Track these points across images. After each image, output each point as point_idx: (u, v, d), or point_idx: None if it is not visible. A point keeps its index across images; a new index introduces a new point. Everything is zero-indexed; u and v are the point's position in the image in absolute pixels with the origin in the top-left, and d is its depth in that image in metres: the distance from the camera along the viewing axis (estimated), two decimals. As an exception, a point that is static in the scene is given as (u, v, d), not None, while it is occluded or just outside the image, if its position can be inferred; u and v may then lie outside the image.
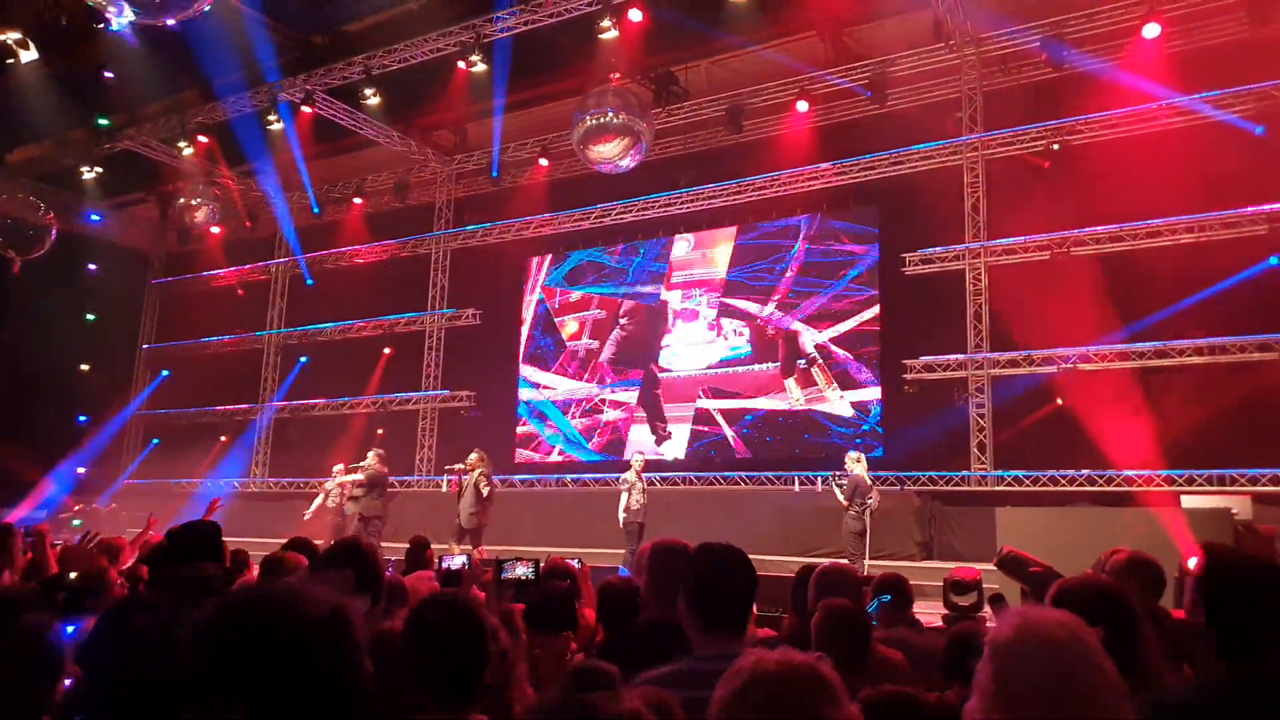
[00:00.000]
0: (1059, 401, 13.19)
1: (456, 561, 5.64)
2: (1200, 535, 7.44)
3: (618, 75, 14.48)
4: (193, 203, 19.01)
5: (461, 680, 2.36)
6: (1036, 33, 13.55)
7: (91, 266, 21.75)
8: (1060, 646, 1.48)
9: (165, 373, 22.84)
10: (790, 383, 15.79)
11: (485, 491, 12.48)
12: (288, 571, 3.92)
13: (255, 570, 5.10)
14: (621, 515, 12.66)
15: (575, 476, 17.13)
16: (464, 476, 12.72)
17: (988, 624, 5.45)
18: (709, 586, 2.61)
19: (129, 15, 10.06)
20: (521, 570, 4.14)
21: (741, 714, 1.53)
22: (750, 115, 16.03)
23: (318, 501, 14.19)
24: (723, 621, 2.59)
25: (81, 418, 21.69)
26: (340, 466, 14.11)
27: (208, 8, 10.02)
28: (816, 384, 15.56)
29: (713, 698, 1.60)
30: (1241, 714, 2.02)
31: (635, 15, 13.10)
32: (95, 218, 21.27)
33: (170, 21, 10.58)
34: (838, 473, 12.63)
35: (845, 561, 9.73)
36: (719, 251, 16.91)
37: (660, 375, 17.04)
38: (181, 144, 17.82)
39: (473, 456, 12.85)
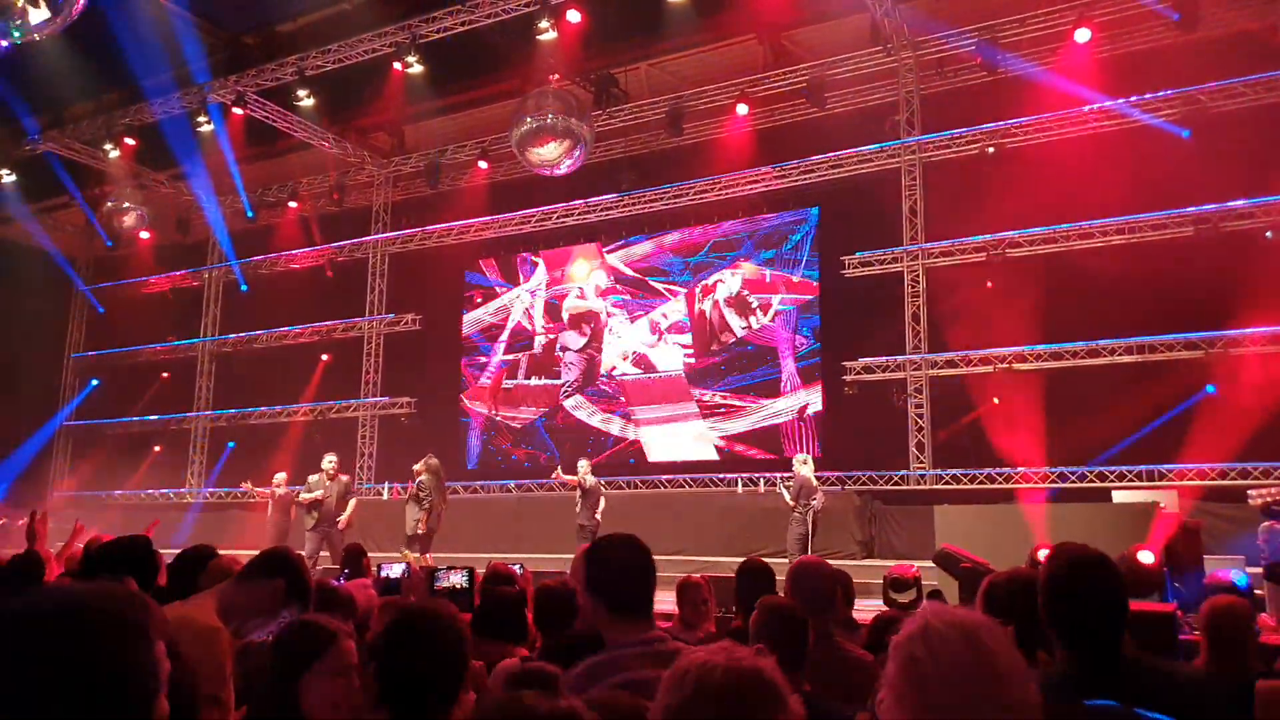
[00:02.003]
0: (995, 401, 13.40)
1: (396, 570, 5.53)
2: (1128, 528, 7.61)
3: (557, 77, 14.40)
4: (121, 207, 18.51)
5: (442, 691, 2.27)
6: (971, 37, 13.75)
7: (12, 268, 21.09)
8: (962, 636, 1.49)
9: (94, 382, 22.22)
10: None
11: (422, 499, 12.33)
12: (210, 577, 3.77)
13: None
14: (580, 521, 12.52)
15: (519, 482, 16.99)
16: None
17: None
18: (606, 575, 2.63)
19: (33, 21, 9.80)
20: (456, 579, 4.06)
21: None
22: (690, 118, 16.04)
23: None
24: (626, 606, 2.58)
25: None
26: (282, 476, 13.69)
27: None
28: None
29: (656, 705, 1.55)
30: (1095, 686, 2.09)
31: (573, 16, 13.03)
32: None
33: (37, 37, 10.34)
34: (784, 475, 12.68)
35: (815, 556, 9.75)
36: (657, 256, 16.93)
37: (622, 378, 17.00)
38: (107, 146, 17.31)
39: (418, 465, 12.69)
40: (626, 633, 2.50)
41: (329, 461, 12.87)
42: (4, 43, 10.40)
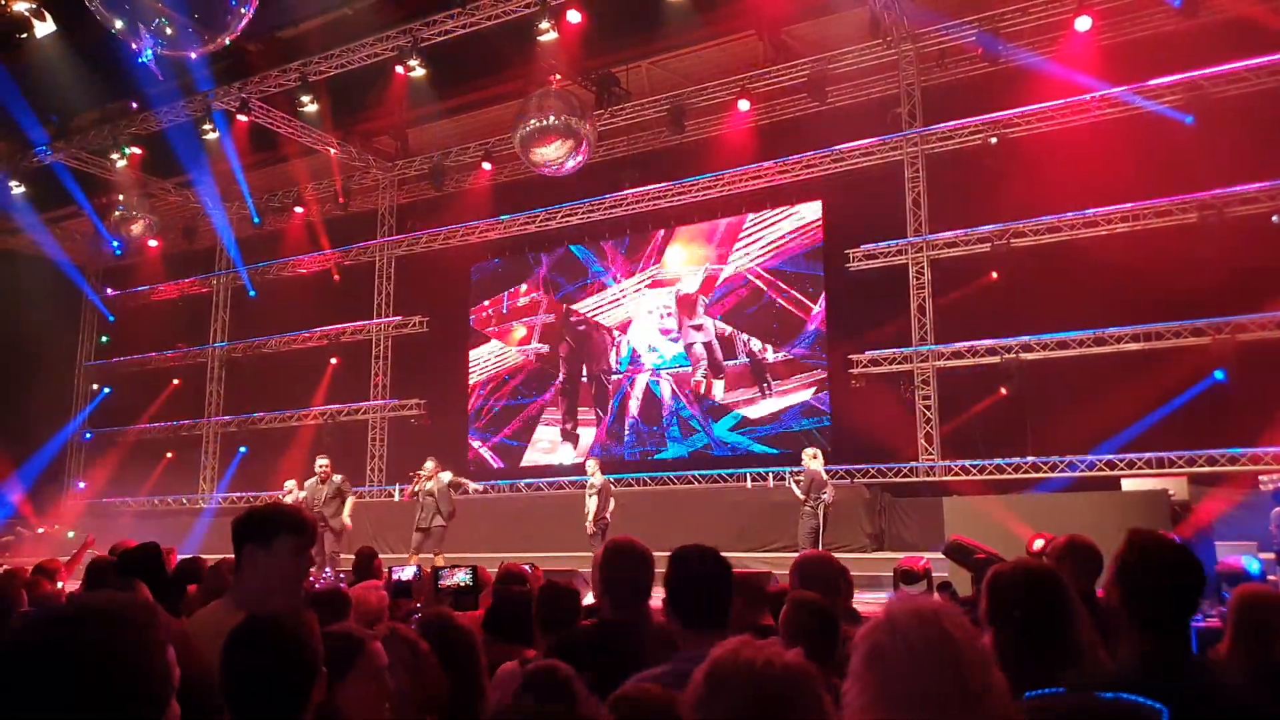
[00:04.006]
0: (1003, 391, 13.40)
1: (407, 572, 5.58)
2: (1137, 517, 7.60)
3: (558, 77, 14.43)
4: (129, 216, 18.61)
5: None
6: (972, 27, 13.74)
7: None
8: (923, 623, 1.51)
9: (106, 390, 22.33)
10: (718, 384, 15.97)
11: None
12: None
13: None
14: (589, 520, 12.56)
15: (529, 481, 17.05)
16: (425, 484, 12.63)
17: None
18: (681, 587, 2.64)
19: (150, 50, 9.88)
20: (460, 577, 4.09)
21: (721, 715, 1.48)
22: (692, 115, 16.07)
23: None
24: (699, 620, 2.60)
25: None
26: (292, 483, 13.74)
27: (229, 42, 9.86)
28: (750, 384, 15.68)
29: (690, 699, 1.54)
30: (1154, 688, 2.07)
31: (574, 16, 13.04)
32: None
33: (194, 55, 10.44)
34: (794, 469, 12.69)
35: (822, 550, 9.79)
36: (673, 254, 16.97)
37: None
38: (114, 156, 17.39)
39: (430, 465, 12.75)
40: (696, 644, 2.46)
41: (321, 464, 12.98)
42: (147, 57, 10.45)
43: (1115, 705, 2.05)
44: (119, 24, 9.41)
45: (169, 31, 9.50)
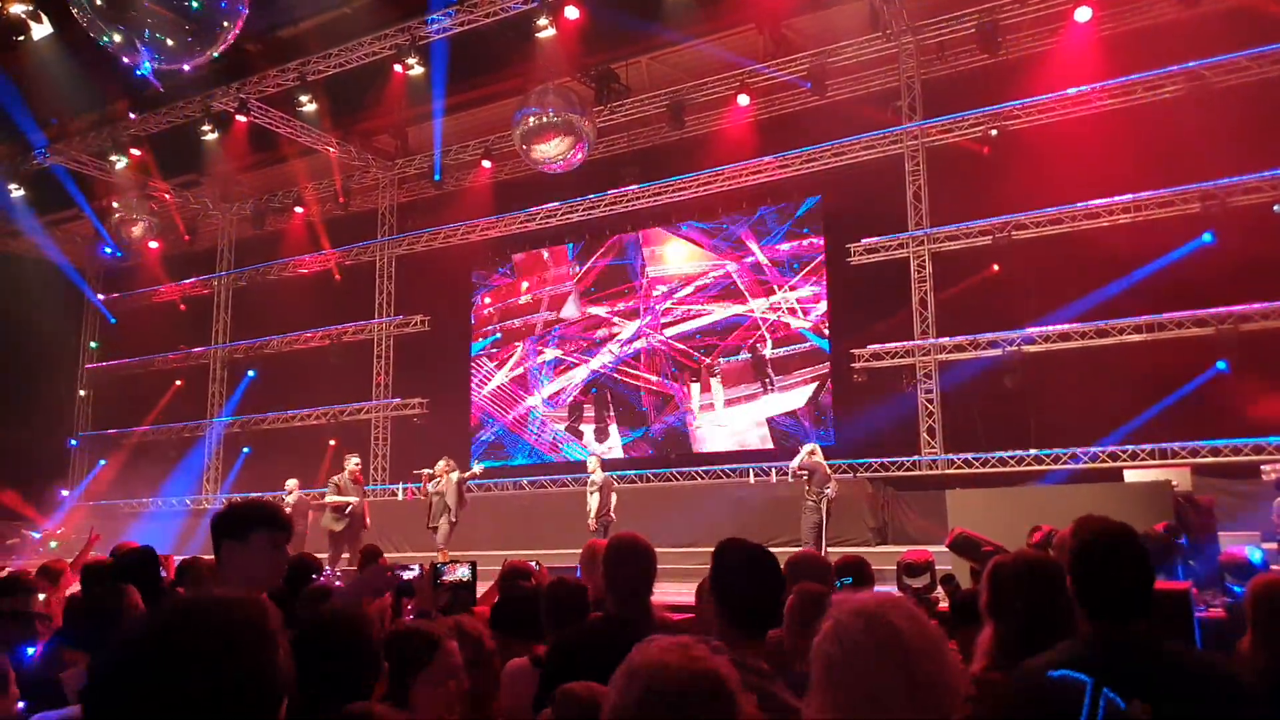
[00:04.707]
0: (1005, 383, 13.37)
1: (409, 573, 5.55)
2: (1141, 508, 7.57)
3: (558, 75, 14.41)
4: (129, 217, 18.61)
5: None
6: (971, 19, 13.71)
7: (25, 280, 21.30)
8: (866, 623, 1.51)
9: (108, 393, 22.36)
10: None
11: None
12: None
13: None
14: (591, 517, 12.55)
15: (532, 479, 17.05)
16: (436, 482, 12.63)
17: (940, 605, 5.50)
18: (735, 586, 2.53)
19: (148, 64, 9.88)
20: (461, 572, 4.07)
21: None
22: (692, 110, 16.04)
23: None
24: (747, 623, 2.51)
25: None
26: (294, 482, 13.74)
27: (217, 54, 9.86)
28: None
29: (606, 701, 1.51)
30: (1104, 672, 2.09)
31: (572, 13, 13.01)
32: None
33: (187, 68, 10.44)
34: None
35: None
36: (671, 249, 16.95)
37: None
38: (114, 157, 17.39)
39: (441, 464, 12.75)
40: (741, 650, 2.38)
41: (354, 463, 13.00)
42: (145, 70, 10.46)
43: (1052, 681, 2.09)
44: (116, 38, 9.41)
45: (169, 43, 9.51)
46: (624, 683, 1.48)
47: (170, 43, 9.56)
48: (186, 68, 10.61)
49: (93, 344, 22.93)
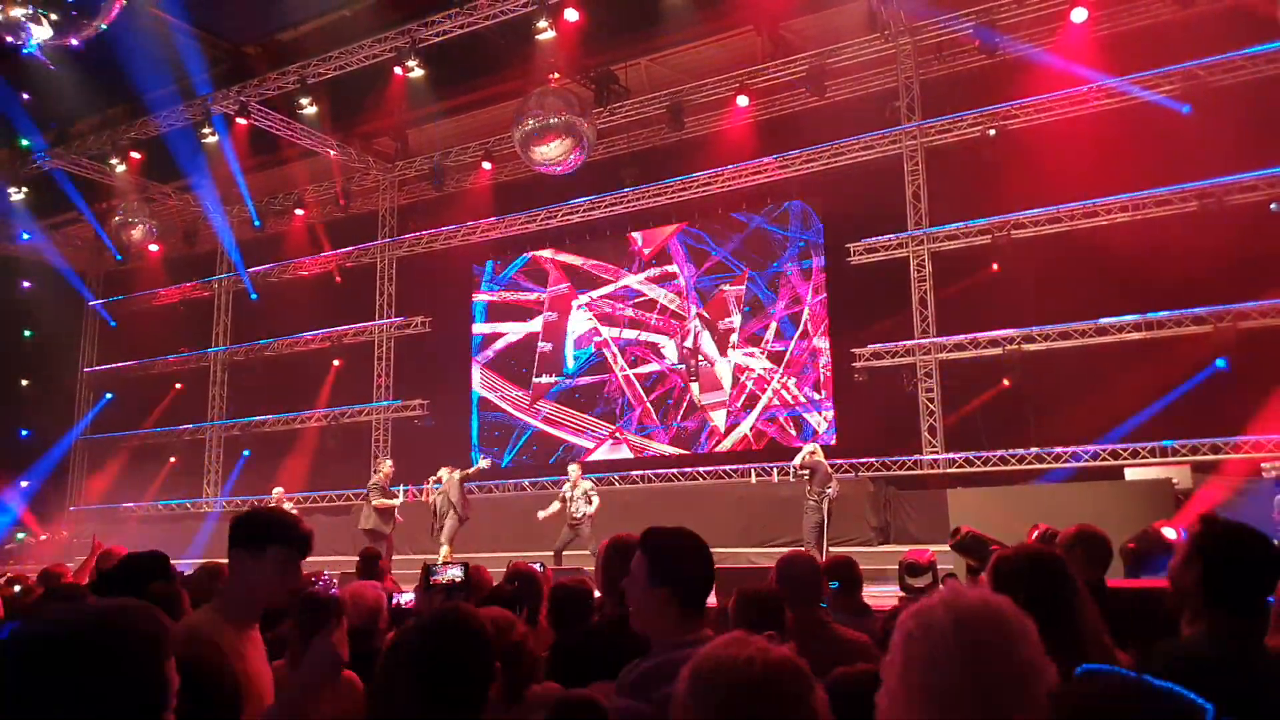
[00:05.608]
0: (1005, 382, 13.41)
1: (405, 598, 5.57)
2: (1142, 506, 7.61)
3: (557, 76, 14.44)
4: (129, 221, 18.63)
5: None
6: (969, 20, 13.73)
7: (25, 284, 21.25)
8: (968, 618, 1.43)
9: (108, 396, 22.36)
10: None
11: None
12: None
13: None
14: (587, 524, 12.51)
15: (533, 480, 17.06)
16: (438, 484, 12.67)
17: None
18: (684, 568, 2.56)
19: (39, 37, 9.82)
20: (453, 573, 4.09)
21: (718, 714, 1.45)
22: (691, 111, 16.06)
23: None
24: (697, 603, 2.53)
25: (24, 431, 21.24)
26: (280, 491, 13.73)
27: (105, 26, 9.81)
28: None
29: (680, 702, 1.50)
30: (1233, 664, 2.16)
31: (571, 15, 13.04)
32: (26, 237, 20.69)
33: (75, 42, 10.35)
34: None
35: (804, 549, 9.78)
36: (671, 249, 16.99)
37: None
38: (113, 161, 17.41)
39: (443, 470, 12.80)
40: (686, 630, 2.44)
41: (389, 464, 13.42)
42: (31, 48, 10.42)
43: (1160, 693, 2.01)
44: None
45: (53, 18, 9.48)
46: (694, 683, 1.47)
47: (54, 17, 9.53)
48: (75, 42, 10.52)
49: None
